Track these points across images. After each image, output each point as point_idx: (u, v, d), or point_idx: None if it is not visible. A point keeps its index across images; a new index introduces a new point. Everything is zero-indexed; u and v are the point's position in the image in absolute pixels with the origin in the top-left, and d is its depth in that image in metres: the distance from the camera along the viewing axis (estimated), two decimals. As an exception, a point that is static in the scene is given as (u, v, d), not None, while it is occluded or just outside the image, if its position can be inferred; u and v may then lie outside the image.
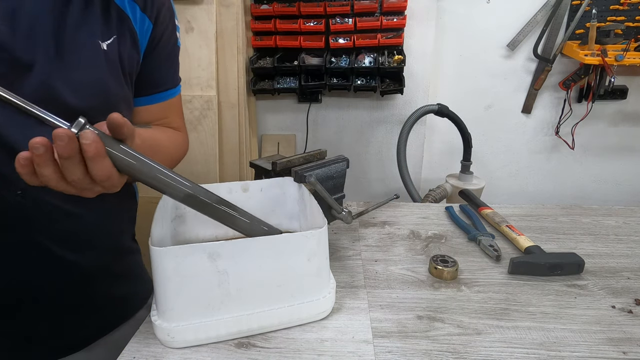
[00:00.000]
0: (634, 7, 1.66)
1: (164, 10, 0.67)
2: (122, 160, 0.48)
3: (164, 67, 0.71)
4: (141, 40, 0.64)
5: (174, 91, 0.75)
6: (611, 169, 1.95)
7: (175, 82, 0.76)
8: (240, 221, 0.59)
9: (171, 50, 0.71)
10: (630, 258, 0.83)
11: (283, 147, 1.92)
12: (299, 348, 0.59)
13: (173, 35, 0.71)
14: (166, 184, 0.52)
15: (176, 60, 0.75)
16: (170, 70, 0.73)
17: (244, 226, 0.59)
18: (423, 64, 1.77)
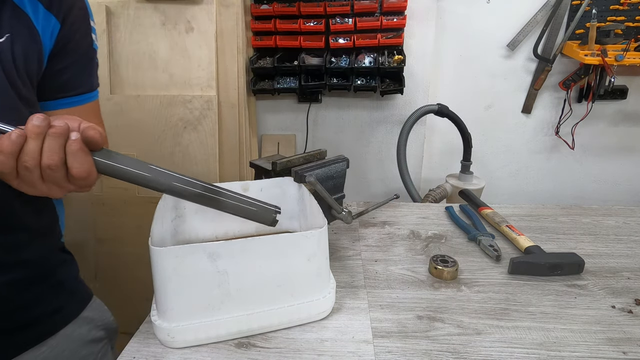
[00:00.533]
0: (634, 7, 1.66)
1: (74, 10, 0.65)
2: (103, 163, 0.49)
3: (75, 70, 0.68)
4: (44, 39, 0.61)
5: (89, 96, 0.72)
6: (611, 169, 1.95)
7: (91, 86, 0.72)
8: (229, 205, 0.57)
9: (85, 52, 0.69)
10: (630, 258, 0.83)
11: (283, 147, 1.92)
12: (299, 348, 0.59)
13: (87, 37, 0.69)
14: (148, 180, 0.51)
15: (92, 64, 0.71)
16: (84, 73, 0.70)
17: (233, 209, 0.58)
18: (423, 64, 1.77)
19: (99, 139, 0.48)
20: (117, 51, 1.63)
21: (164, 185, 0.52)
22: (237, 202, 0.58)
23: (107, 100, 1.62)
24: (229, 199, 0.57)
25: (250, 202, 0.59)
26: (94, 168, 0.48)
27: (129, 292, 1.73)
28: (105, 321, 0.79)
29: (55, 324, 0.70)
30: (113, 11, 1.61)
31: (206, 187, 0.55)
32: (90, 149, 0.48)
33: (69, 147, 0.47)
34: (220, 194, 0.56)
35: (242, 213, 0.59)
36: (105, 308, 0.80)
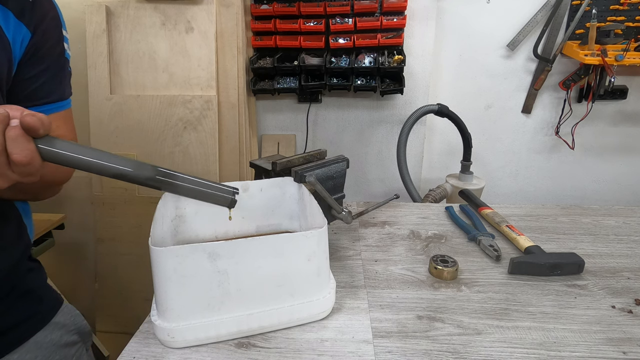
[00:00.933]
0: (634, 7, 1.66)
1: (46, 20, 0.65)
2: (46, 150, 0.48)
3: (46, 78, 0.67)
4: (14, 48, 0.61)
5: (60, 104, 0.71)
6: (611, 169, 1.95)
7: (62, 95, 0.71)
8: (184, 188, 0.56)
9: (56, 60, 0.68)
10: (630, 258, 0.83)
11: (283, 147, 1.92)
12: (299, 348, 0.59)
13: (59, 45, 0.68)
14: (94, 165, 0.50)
15: (63, 72, 0.71)
16: (54, 81, 0.69)
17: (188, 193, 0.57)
18: (423, 64, 1.77)
19: (38, 125, 0.47)
20: (117, 51, 1.63)
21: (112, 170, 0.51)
22: (192, 184, 0.57)
23: (107, 100, 1.62)
24: (184, 182, 0.56)
25: (206, 184, 0.58)
26: (36, 154, 0.47)
27: (129, 292, 1.73)
28: (78, 325, 0.78)
29: (26, 332, 0.69)
30: (113, 11, 1.61)
31: (159, 171, 0.54)
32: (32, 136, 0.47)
33: (8, 133, 0.46)
34: (175, 178, 0.55)
35: (199, 196, 0.58)
36: (77, 312, 0.80)
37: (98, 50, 1.61)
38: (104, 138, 1.61)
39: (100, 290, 1.76)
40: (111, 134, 1.62)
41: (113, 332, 1.72)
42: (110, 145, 1.61)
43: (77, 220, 1.79)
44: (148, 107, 1.62)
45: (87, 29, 1.61)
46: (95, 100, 1.63)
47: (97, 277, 1.76)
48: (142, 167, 0.53)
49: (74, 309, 0.80)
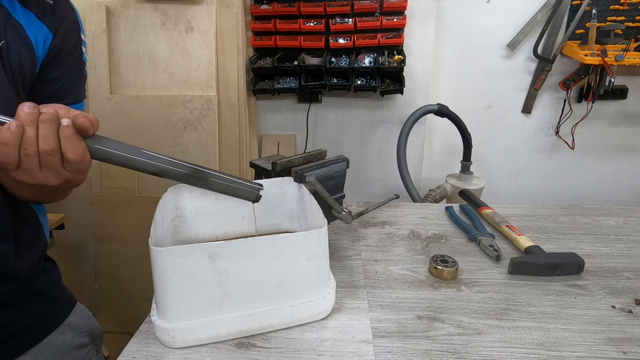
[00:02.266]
0: (634, 7, 1.66)
1: (66, 23, 0.66)
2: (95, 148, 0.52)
3: (65, 81, 0.69)
4: (37, 48, 0.63)
5: (76, 107, 0.70)
6: (611, 169, 1.95)
7: (78, 98, 0.73)
8: (216, 184, 0.61)
9: (74, 64, 0.70)
10: (630, 258, 0.83)
11: (283, 147, 1.92)
12: (299, 348, 0.59)
13: (77, 49, 0.70)
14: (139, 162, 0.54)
15: (80, 76, 0.72)
16: (72, 84, 0.71)
17: (220, 188, 0.61)
18: (423, 64, 1.77)
19: (88, 126, 0.50)
20: (117, 51, 1.63)
21: (154, 167, 0.55)
22: (223, 181, 0.61)
23: (107, 100, 1.62)
24: (216, 178, 0.60)
25: (235, 181, 0.62)
26: (87, 152, 0.51)
27: (129, 292, 1.73)
28: (90, 327, 0.78)
29: (39, 333, 0.69)
30: (113, 11, 1.61)
31: (194, 169, 0.58)
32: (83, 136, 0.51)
33: (62, 132, 0.49)
34: (208, 175, 0.60)
35: (229, 191, 0.62)
36: (89, 314, 0.80)
37: (98, 50, 1.61)
38: (104, 138, 1.61)
39: (100, 290, 1.76)
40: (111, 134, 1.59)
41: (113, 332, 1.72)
42: (110, 145, 1.60)
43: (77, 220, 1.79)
44: (148, 107, 1.62)
45: (87, 29, 1.61)
46: (95, 100, 1.63)
47: (97, 277, 1.76)
48: (179, 165, 0.57)
49: (86, 310, 0.80)
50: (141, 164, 0.54)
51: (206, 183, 0.59)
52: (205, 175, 0.59)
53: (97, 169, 1.69)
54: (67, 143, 0.49)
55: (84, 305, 0.81)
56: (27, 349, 0.67)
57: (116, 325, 1.73)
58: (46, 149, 0.48)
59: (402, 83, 1.68)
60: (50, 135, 0.48)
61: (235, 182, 0.62)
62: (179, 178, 0.57)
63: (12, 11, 0.60)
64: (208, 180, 0.59)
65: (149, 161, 0.54)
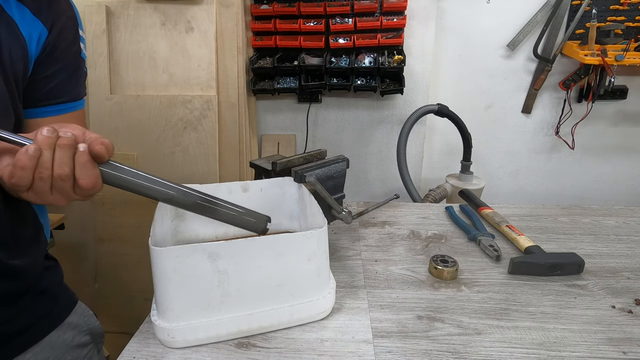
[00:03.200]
0: (634, 7, 1.66)
1: (63, 18, 0.65)
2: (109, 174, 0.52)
3: (62, 78, 0.67)
4: (30, 46, 0.61)
5: (75, 104, 0.71)
6: (611, 169, 1.95)
7: (77, 95, 0.71)
8: (223, 214, 0.60)
9: (72, 60, 0.68)
10: (630, 258, 0.83)
11: (283, 147, 1.92)
12: (299, 348, 0.59)
13: (75, 45, 0.68)
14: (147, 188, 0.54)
15: (78, 72, 0.71)
16: (71, 81, 0.69)
17: (229, 219, 0.61)
18: (423, 64, 1.77)
19: (104, 153, 0.50)
20: (117, 51, 1.63)
21: (165, 195, 0.55)
22: (232, 212, 0.60)
23: (107, 100, 1.62)
24: (225, 209, 0.60)
25: (243, 212, 0.61)
26: (99, 179, 0.51)
27: (129, 292, 1.73)
28: (91, 326, 0.78)
29: (40, 331, 0.69)
30: (113, 11, 1.61)
31: (204, 198, 0.58)
32: (97, 162, 0.51)
33: (78, 159, 0.49)
34: (217, 205, 0.59)
35: (236, 222, 0.61)
36: (90, 313, 0.80)
37: (98, 50, 1.61)
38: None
39: (100, 290, 1.76)
40: (111, 134, 1.62)
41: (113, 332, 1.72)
42: (110, 145, 1.60)
43: (77, 220, 1.79)
44: (148, 107, 1.61)
45: (87, 29, 1.60)
46: (95, 100, 1.63)
47: (97, 277, 1.76)
48: (189, 195, 0.57)
49: (87, 309, 0.79)
50: (152, 191, 0.54)
51: (215, 213, 0.59)
52: (214, 204, 0.59)
53: (97, 169, 1.68)
54: (82, 170, 0.49)
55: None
56: (28, 347, 0.67)
57: (116, 325, 1.73)
58: (60, 174, 0.48)
59: (402, 83, 1.68)
60: (67, 161, 0.48)
61: (244, 213, 0.61)
62: (189, 207, 0.57)
63: (5, 7, 0.58)
64: (217, 210, 0.59)
65: (160, 189, 0.55)
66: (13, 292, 0.65)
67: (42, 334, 0.69)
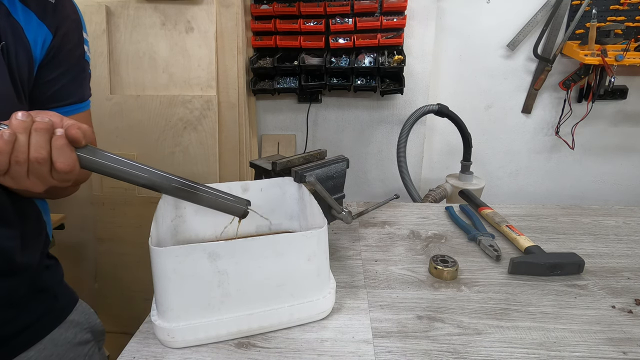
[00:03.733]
0: (634, 7, 1.66)
1: (68, 22, 0.66)
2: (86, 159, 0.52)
3: (66, 80, 0.68)
4: (35, 50, 0.62)
5: (80, 106, 0.71)
6: (611, 169, 1.95)
7: (82, 97, 0.72)
8: (204, 198, 0.61)
9: (76, 63, 0.69)
10: (630, 258, 0.83)
11: (283, 147, 1.92)
12: (299, 348, 0.59)
13: (79, 48, 0.69)
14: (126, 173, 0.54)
15: (83, 75, 0.72)
16: (75, 83, 0.70)
17: (209, 203, 0.62)
18: (423, 64, 1.77)
19: (80, 137, 0.50)
20: (117, 51, 1.63)
21: (144, 180, 0.56)
22: (212, 196, 0.61)
23: (107, 100, 1.62)
24: (205, 193, 0.61)
25: (223, 196, 0.63)
26: (77, 163, 0.51)
27: (129, 292, 1.73)
28: (92, 324, 0.79)
29: (42, 329, 0.70)
30: (113, 11, 1.61)
31: (184, 182, 0.59)
32: (74, 146, 0.51)
33: (55, 142, 0.49)
34: (197, 189, 0.60)
35: (217, 206, 0.62)
36: (91, 311, 0.80)
37: (98, 50, 1.61)
38: (104, 138, 1.61)
39: (100, 290, 1.75)
40: (111, 134, 1.62)
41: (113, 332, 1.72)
42: (110, 145, 1.61)
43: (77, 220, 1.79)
44: (148, 107, 1.62)
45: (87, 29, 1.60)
46: (95, 100, 1.60)
47: (97, 277, 1.76)
48: (170, 179, 0.57)
49: (88, 307, 0.80)
50: (131, 175, 0.54)
51: (195, 197, 0.60)
52: (194, 189, 0.60)
53: (97, 169, 1.68)
54: (59, 153, 0.49)
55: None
56: (31, 345, 0.68)
57: (116, 325, 1.73)
58: (37, 158, 0.48)
59: (402, 83, 1.68)
60: (43, 145, 0.48)
61: (224, 197, 0.62)
62: (169, 191, 0.58)
63: (12, 10, 0.59)
64: (197, 194, 0.60)
65: (139, 173, 0.55)
66: (16, 289, 0.65)
67: (44, 332, 0.70)
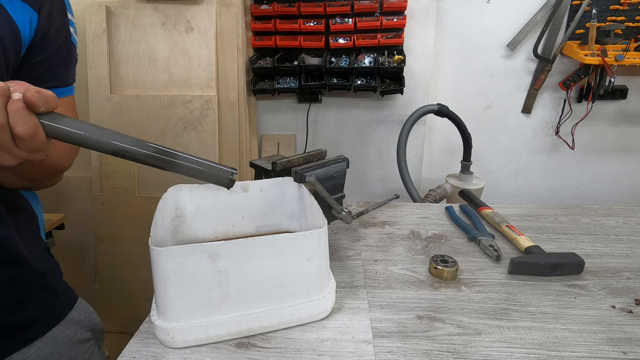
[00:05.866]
0: (634, 7, 1.66)
1: (50, 2, 0.64)
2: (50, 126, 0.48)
3: (52, 63, 0.66)
4: (23, 31, 0.60)
5: (62, 90, 0.70)
6: (611, 169, 1.95)
7: (66, 81, 0.70)
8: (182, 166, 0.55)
9: (61, 45, 0.67)
10: (630, 258, 0.83)
11: (283, 147, 1.92)
12: (299, 348, 0.59)
13: (64, 29, 0.67)
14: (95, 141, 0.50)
15: (68, 58, 0.70)
16: (60, 67, 0.68)
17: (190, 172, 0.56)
18: (423, 64, 1.77)
19: (37, 101, 0.47)
20: (117, 51, 1.63)
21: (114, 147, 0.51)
22: (192, 163, 0.56)
23: (107, 100, 1.62)
24: (184, 160, 0.55)
25: (205, 164, 0.57)
26: (40, 129, 0.48)
27: (129, 292, 1.73)
28: (92, 322, 0.79)
29: (43, 326, 0.70)
30: (113, 11, 1.61)
31: (158, 149, 0.54)
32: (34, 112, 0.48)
33: (10, 106, 0.46)
34: (175, 156, 0.55)
35: (198, 175, 0.56)
36: (91, 309, 0.80)
37: (98, 50, 1.61)
38: (104, 138, 1.61)
39: (100, 290, 1.76)
40: (111, 134, 1.62)
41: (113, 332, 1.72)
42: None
43: (77, 220, 1.79)
44: (148, 107, 1.62)
45: (87, 29, 1.61)
46: (95, 100, 1.63)
47: (97, 277, 1.76)
48: (143, 145, 0.53)
49: (88, 305, 0.80)
50: (100, 143, 0.50)
51: (172, 165, 0.54)
52: (171, 156, 0.54)
53: (97, 169, 1.69)
54: (16, 117, 0.46)
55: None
56: (32, 341, 0.68)
57: (116, 325, 1.73)
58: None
59: (402, 83, 1.68)
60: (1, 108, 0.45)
61: (205, 165, 0.57)
62: (142, 159, 0.53)
63: None
64: (174, 162, 0.54)
65: (110, 140, 0.51)
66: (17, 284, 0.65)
67: (45, 330, 0.70)
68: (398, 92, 1.72)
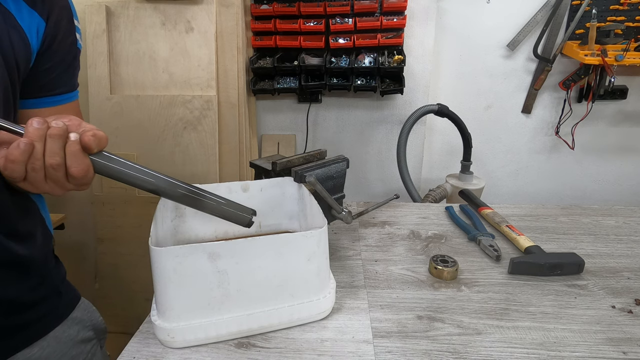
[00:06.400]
0: (634, 7, 1.66)
1: (57, 9, 0.65)
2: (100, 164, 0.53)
3: (59, 69, 0.68)
4: (31, 38, 0.61)
5: (69, 96, 0.71)
6: (611, 169, 1.95)
7: (71, 87, 0.72)
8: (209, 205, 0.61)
9: (68, 51, 0.69)
10: (630, 258, 0.83)
11: (283, 147, 1.92)
12: (299, 348, 0.59)
13: (71, 35, 0.69)
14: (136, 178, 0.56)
15: (74, 63, 0.71)
16: (67, 72, 0.70)
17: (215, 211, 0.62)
18: (423, 64, 1.77)
19: (93, 144, 0.51)
20: (117, 51, 1.63)
21: (152, 186, 0.57)
22: (217, 203, 0.62)
23: (107, 100, 1.62)
24: (210, 200, 0.61)
25: (228, 203, 0.63)
26: (91, 168, 0.52)
27: (129, 292, 1.73)
28: (94, 321, 0.79)
29: (46, 326, 0.70)
30: (113, 11, 1.61)
31: (191, 190, 0.60)
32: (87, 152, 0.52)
33: (68, 148, 0.50)
34: (202, 196, 0.60)
35: (222, 214, 0.63)
36: (93, 309, 0.81)
37: (98, 50, 1.61)
38: (104, 138, 1.61)
39: (100, 290, 1.75)
40: (111, 134, 1.61)
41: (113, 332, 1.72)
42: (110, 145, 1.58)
43: (77, 220, 1.79)
44: (148, 107, 1.62)
45: (87, 29, 1.61)
46: (95, 100, 1.63)
47: (97, 277, 1.76)
48: (175, 186, 0.58)
49: (90, 304, 0.81)
50: (140, 180, 0.56)
51: (201, 205, 0.61)
52: (201, 196, 0.60)
53: (97, 169, 1.68)
54: (72, 159, 0.50)
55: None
56: (35, 340, 0.68)
57: (116, 325, 1.73)
58: (52, 164, 0.49)
59: (402, 83, 1.68)
60: (57, 151, 0.50)
61: (229, 205, 0.63)
62: (176, 198, 0.59)
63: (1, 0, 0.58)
64: (203, 202, 0.61)
65: (148, 179, 0.56)
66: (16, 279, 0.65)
67: (48, 329, 0.70)
68: (398, 92, 1.72)
